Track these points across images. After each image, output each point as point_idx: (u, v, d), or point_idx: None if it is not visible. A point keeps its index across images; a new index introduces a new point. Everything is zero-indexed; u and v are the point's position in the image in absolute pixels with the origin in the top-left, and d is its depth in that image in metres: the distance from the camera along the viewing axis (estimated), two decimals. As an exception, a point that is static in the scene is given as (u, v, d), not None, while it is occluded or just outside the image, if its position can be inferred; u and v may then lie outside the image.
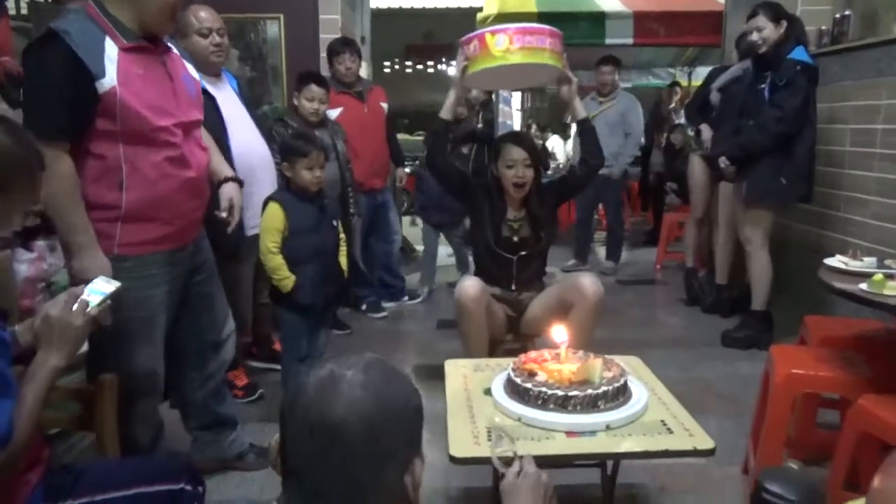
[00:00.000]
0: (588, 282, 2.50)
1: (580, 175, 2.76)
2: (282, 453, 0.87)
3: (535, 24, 2.47)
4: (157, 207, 1.80)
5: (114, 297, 1.37)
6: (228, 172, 2.20)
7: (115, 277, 1.46)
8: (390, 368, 0.90)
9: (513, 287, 2.69)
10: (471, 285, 2.52)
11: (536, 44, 2.34)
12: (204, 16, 2.61)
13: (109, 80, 1.65)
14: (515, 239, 2.66)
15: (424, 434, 0.91)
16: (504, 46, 2.31)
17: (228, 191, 2.16)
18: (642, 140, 5.32)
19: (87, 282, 1.39)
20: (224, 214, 2.14)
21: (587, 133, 2.70)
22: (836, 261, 2.16)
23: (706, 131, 4.03)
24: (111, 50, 1.67)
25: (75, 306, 1.27)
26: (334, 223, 2.66)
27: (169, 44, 1.90)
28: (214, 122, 2.46)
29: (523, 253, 2.65)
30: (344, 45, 3.97)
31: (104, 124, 1.69)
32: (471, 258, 4.91)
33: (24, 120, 1.72)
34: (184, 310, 2.03)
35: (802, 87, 3.17)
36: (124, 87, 1.67)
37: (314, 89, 3.43)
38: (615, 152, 4.91)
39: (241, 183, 2.23)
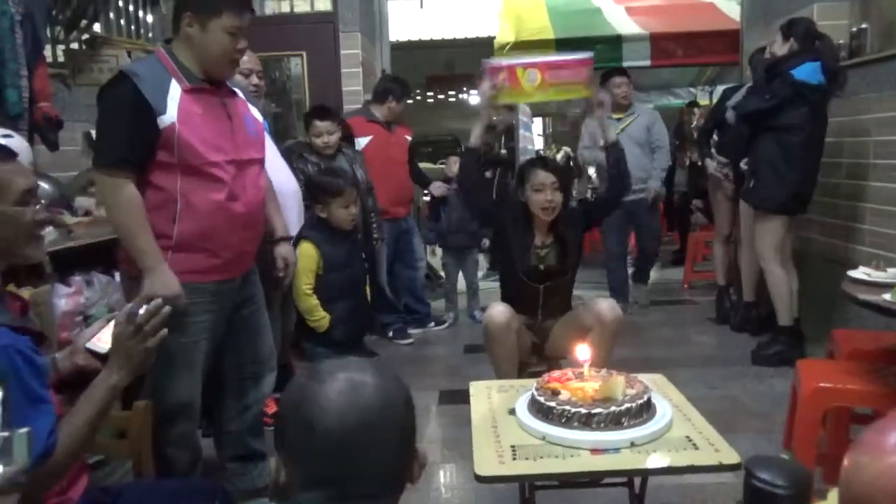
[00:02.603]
0: (605, 306, 2.49)
1: (607, 198, 2.75)
2: (290, 473, 0.87)
3: (564, 57, 2.44)
4: (206, 239, 1.90)
5: None
6: (281, 232, 2.31)
7: None
8: (386, 368, 0.95)
9: (539, 315, 2.68)
10: (499, 312, 2.49)
11: (570, 78, 2.36)
12: (246, 58, 2.73)
13: (170, 116, 1.81)
14: (542, 267, 2.63)
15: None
16: (537, 82, 2.34)
17: (283, 251, 2.30)
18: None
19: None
20: (281, 274, 2.29)
21: (616, 156, 2.67)
22: (860, 272, 2.16)
23: (710, 166, 4.08)
24: (175, 91, 1.83)
25: (147, 327, 1.28)
26: (363, 255, 2.68)
27: (235, 89, 2.05)
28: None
29: (549, 283, 2.64)
30: (405, 86, 4.14)
31: (164, 156, 1.83)
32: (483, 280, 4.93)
33: (94, 151, 1.90)
34: (229, 340, 2.10)
35: (779, 96, 3.23)
36: (183, 124, 1.82)
37: (318, 125, 3.53)
38: (647, 172, 4.48)
39: (290, 239, 2.36)
